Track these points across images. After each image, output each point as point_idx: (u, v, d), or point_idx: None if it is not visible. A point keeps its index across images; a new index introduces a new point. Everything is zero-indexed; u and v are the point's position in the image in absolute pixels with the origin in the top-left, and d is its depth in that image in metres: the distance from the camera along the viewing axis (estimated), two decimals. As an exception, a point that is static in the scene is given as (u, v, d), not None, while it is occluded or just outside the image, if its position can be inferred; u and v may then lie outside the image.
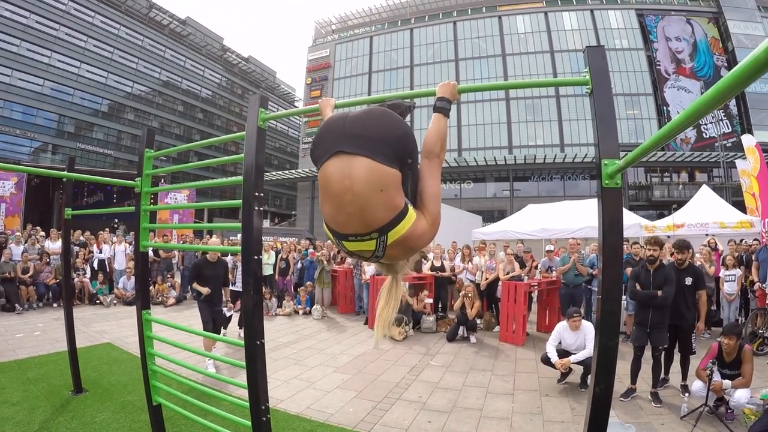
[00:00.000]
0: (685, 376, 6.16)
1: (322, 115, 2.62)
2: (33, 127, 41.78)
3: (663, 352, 6.13)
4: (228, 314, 8.16)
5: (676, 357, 6.39)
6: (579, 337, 6.51)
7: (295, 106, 74.12)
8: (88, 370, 6.39)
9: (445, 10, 53.89)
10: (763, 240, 9.87)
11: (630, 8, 46.61)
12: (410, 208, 1.96)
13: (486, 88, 2.82)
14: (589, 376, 5.99)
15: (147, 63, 53.26)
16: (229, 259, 10.49)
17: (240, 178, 2.97)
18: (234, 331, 9.43)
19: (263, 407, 2.90)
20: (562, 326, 6.82)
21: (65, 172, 5.38)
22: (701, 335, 9.40)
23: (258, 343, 2.85)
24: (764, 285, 8.45)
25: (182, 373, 5.30)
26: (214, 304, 7.48)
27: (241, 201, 2.90)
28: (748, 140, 18.61)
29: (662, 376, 6.25)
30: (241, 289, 9.38)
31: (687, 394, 5.70)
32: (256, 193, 2.84)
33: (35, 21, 41.48)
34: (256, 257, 2.86)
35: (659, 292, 5.96)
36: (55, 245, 12.95)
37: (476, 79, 47.83)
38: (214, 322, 7.44)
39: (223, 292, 7.88)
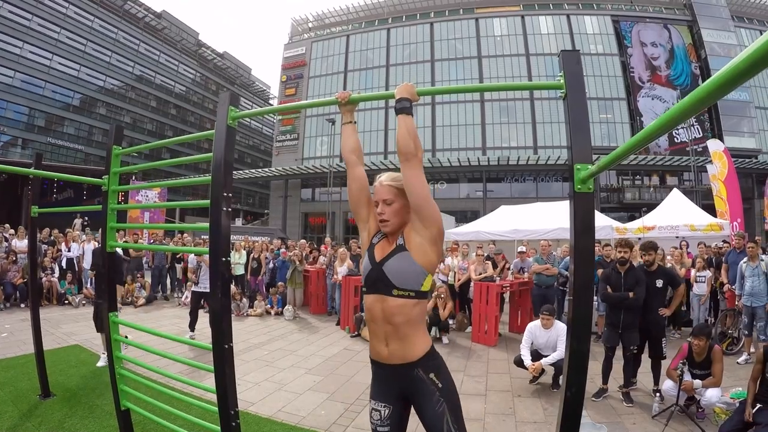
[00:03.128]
0: (657, 381, 6.17)
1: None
2: (2, 120, 40.80)
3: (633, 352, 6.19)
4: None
5: (646, 360, 6.44)
6: (551, 335, 6.54)
7: (270, 104, 73.67)
8: (56, 374, 6.25)
9: (422, 10, 53.93)
10: (733, 242, 10.05)
11: (606, 14, 47.19)
12: (424, 284, 2.31)
13: (451, 91, 2.82)
14: (561, 378, 6.04)
15: (120, 56, 52.40)
16: (192, 258, 10.31)
17: (209, 177, 2.90)
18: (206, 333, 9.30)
19: (232, 412, 2.85)
20: (534, 326, 6.85)
21: (32, 170, 5.24)
22: (671, 335, 9.59)
23: (226, 347, 2.79)
24: (733, 286, 8.61)
25: (151, 376, 5.22)
26: (97, 297, 7.26)
27: (209, 201, 2.84)
28: (714, 145, 19.01)
29: (630, 379, 6.29)
30: (206, 290, 9.24)
31: (658, 395, 5.74)
32: (225, 193, 2.78)
33: (7, 11, 40.56)
34: (224, 259, 2.80)
35: (631, 294, 6.01)
36: (22, 243, 12.65)
37: (452, 81, 48.03)
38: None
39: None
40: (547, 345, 6.57)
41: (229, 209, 2.82)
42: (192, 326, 9.18)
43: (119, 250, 13.26)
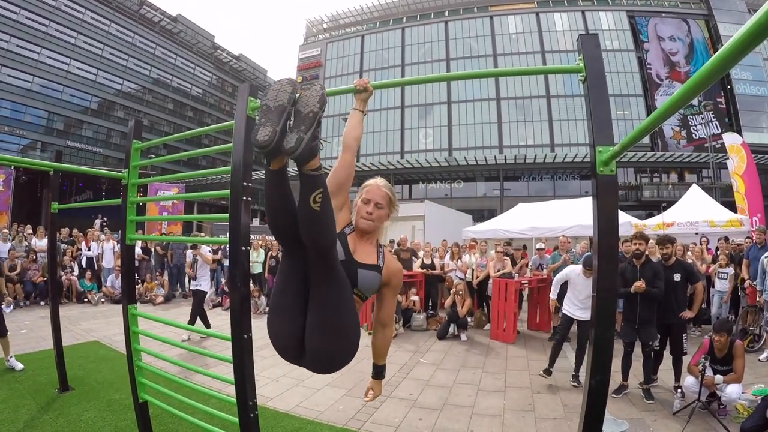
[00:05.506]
0: (678, 378, 6.05)
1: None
2: (22, 124, 41.50)
3: (652, 349, 6.11)
4: (8, 310, 6.17)
5: (667, 357, 6.34)
6: (590, 286, 6.41)
7: (286, 105, 73.92)
8: (75, 369, 6.31)
9: (436, 9, 53.91)
10: (753, 237, 9.88)
11: (621, 10, 46.84)
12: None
13: (468, 76, 2.80)
14: (582, 369, 5.97)
15: (137, 60, 53.02)
16: (189, 253, 10.20)
17: (229, 167, 2.91)
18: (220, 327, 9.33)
19: (251, 403, 2.84)
20: (573, 271, 6.81)
21: (53, 163, 5.33)
22: (691, 332, 9.45)
23: (245, 336, 2.79)
24: (754, 282, 8.46)
25: (170, 370, 5.24)
26: None
27: (228, 191, 2.84)
28: (731, 138, 18.64)
29: (651, 375, 6.20)
30: (200, 288, 9.10)
31: (680, 392, 5.66)
32: (245, 183, 2.78)
33: (25, 17, 41.21)
34: (243, 248, 2.80)
35: (636, 284, 5.90)
36: (42, 243, 12.80)
37: (467, 79, 47.89)
38: None
39: None
40: (584, 295, 6.51)
41: (249, 199, 2.82)
42: (206, 325, 9.18)
43: (138, 250, 13.41)
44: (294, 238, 2.09)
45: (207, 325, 9.14)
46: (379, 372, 2.61)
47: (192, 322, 8.76)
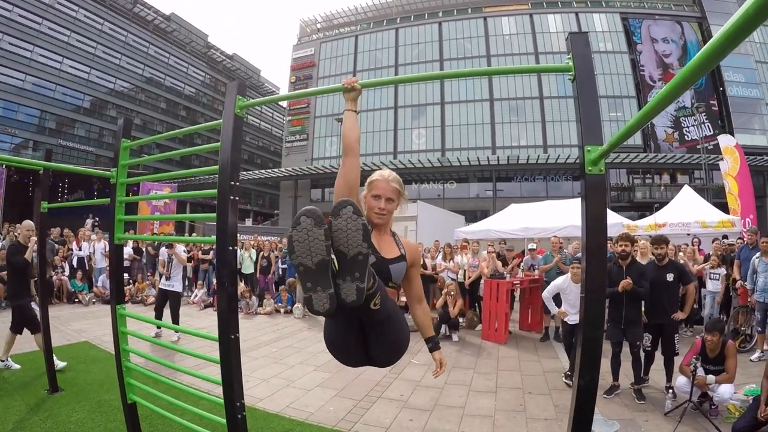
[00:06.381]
0: (669, 378, 6.05)
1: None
2: (13, 122, 41.19)
3: (641, 349, 6.12)
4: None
5: (659, 357, 6.35)
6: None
7: (279, 105, 73.92)
8: (65, 369, 6.28)
9: (430, 10, 53.85)
10: (745, 238, 9.92)
11: (614, 12, 46.86)
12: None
13: (460, 75, 2.79)
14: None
15: (130, 59, 52.73)
16: (163, 251, 10.03)
17: (217, 167, 2.89)
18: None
19: (238, 404, 2.83)
20: (562, 281, 6.90)
21: (42, 161, 5.30)
22: (683, 333, 9.47)
23: (232, 337, 2.77)
24: (746, 283, 8.49)
25: (159, 370, 5.21)
26: (21, 298, 6.58)
27: (216, 190, 2.82)
28: (726, 140, 18.83)
29: (642, 376, 6.21)
30: (173, 288, 8.94)
31: (671, 392, 5.67)
32: (232, 182, 2.76)
33: (18, 14, 40.94)
34: (231, 248, 2.78)
35: (623, 283, 5.92)
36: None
37: (461, 80, 47.93)
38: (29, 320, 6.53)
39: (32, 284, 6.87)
40: (577, 302, 6.56)
41: (236, 198, 2.80)
42: (159, 317, 8.64)
43: (130, 249, 13.33)
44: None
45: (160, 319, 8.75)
46: (436, 343, 2.77)
47: (176, 321, 8.68)
